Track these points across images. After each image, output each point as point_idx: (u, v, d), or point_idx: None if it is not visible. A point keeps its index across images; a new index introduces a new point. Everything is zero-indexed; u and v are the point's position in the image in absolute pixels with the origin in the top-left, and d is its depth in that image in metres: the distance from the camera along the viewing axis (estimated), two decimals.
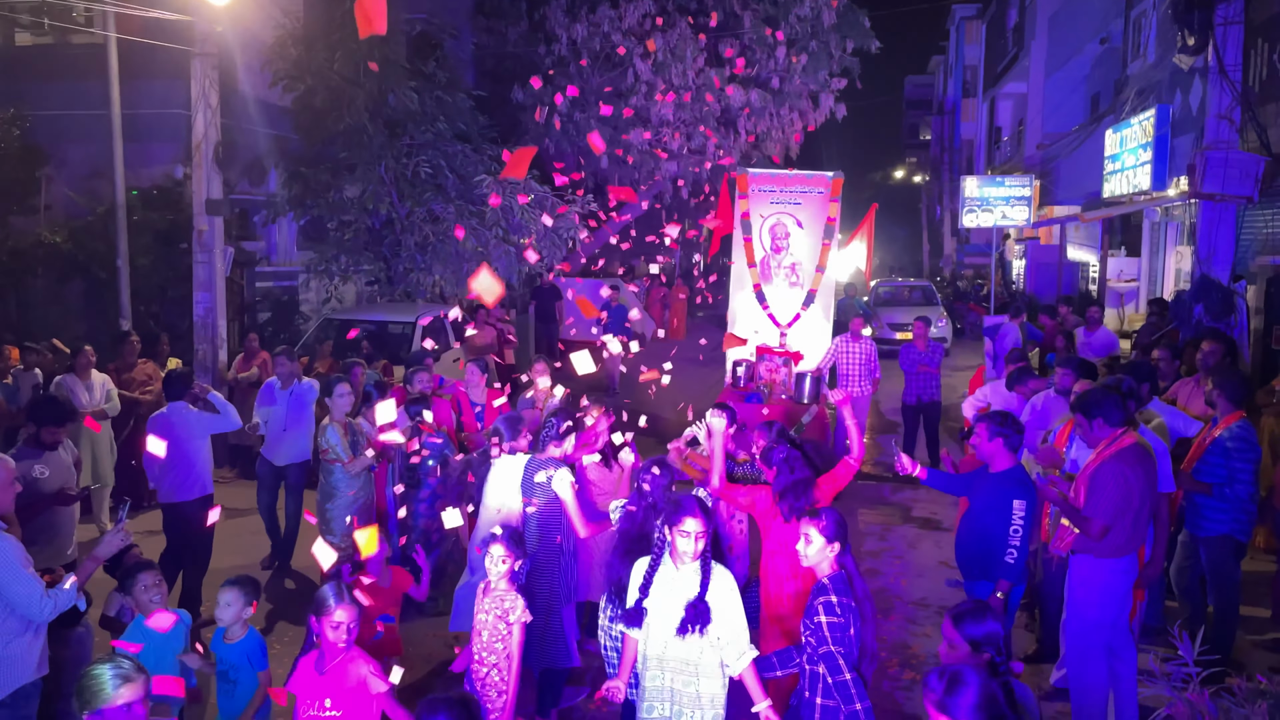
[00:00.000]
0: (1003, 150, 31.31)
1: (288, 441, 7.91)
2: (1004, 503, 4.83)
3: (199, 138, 10.95)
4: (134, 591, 4.40)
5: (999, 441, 4.96)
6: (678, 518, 3.97)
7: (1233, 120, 10.94)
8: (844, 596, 3.86)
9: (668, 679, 4.02)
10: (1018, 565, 4.82)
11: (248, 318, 13.69)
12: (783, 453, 4.99)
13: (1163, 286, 16.29)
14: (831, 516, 3.99)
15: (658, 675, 4.04)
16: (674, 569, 4.04)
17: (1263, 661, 5.93)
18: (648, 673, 4.07)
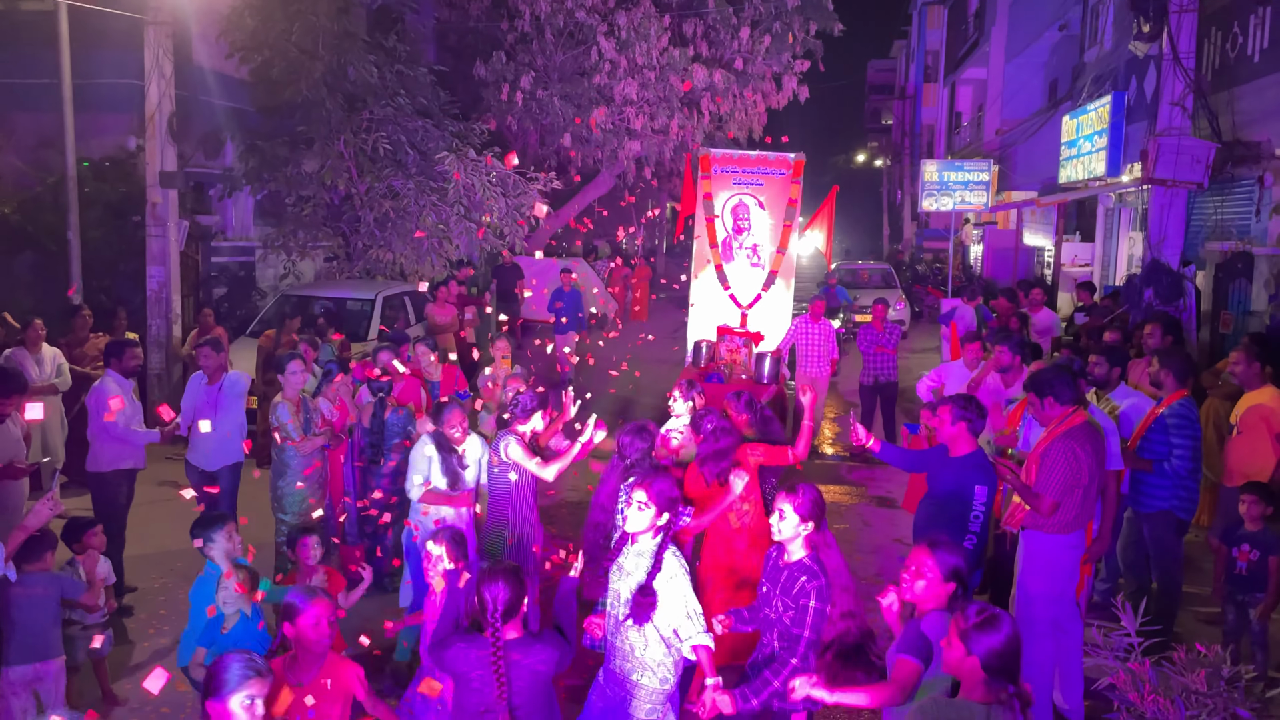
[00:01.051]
0: (963, 135, 31.60)
1: (216, 443, 6.92)
2: (965, 489, 4.83)
3: (153, 108, 10.74)
4: (217, 540, 4.64)
5: (962, 425, 4.95)
6: (631, 487, 4.06)
7: (1185, 107, 11.15)
8: (824, 581, 3.92)
9: (624, 640, 4.08)
10: (976, 551, 4.83)
11: (203, 293, 13.47)
12: (712, 422, 5.26)
13: (1116, 271, 16.58)
14: (808, 494, 3.97)
15: (615, 633, 4.11)
16: (632, 545, 4.10)
17: (1203, 634, 6.11)
18: (611, 630, 4.16)
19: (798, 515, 3.94)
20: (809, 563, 3.95)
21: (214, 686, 3.01)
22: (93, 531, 5.29)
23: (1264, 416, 6.11)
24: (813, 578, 3.89)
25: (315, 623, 3.61)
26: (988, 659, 2.99)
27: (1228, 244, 11.49)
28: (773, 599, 4.03)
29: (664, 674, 4.04)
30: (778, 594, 4.00)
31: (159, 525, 8.11)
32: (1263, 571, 5.54)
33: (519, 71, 16.29)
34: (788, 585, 3.95)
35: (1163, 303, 10.90)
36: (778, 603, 3.97)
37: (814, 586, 3.86)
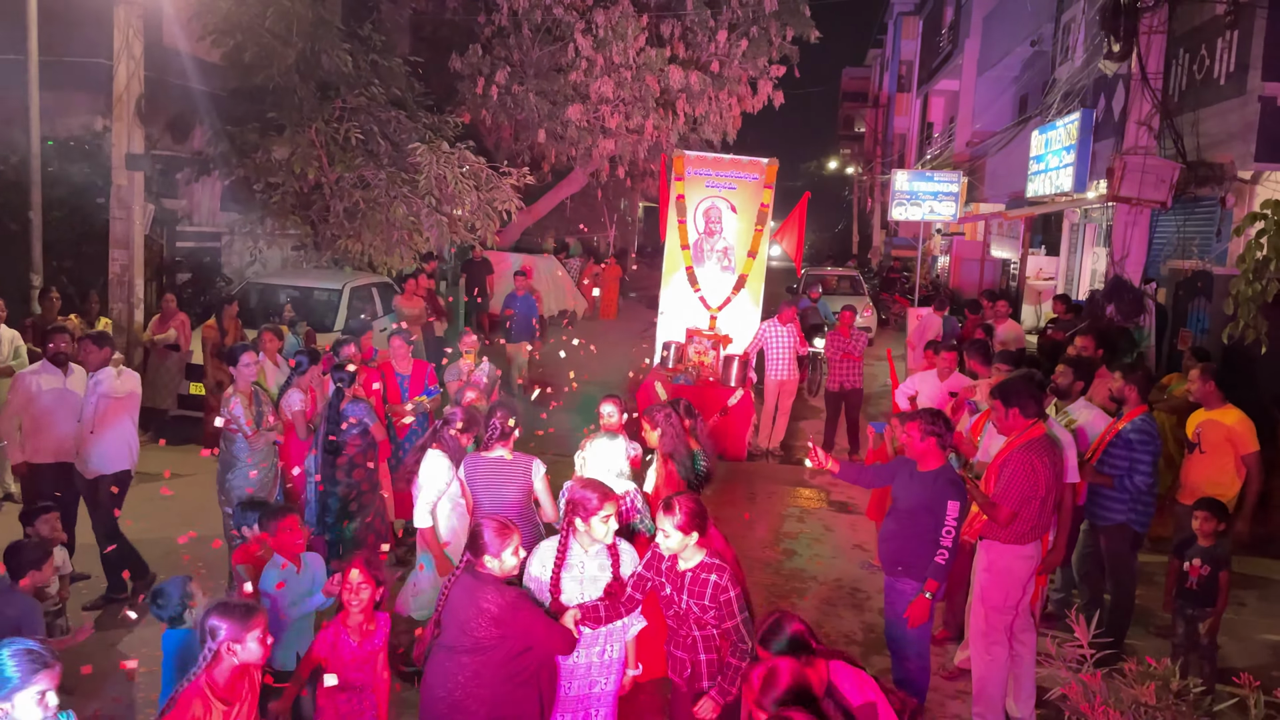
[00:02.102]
0: (934, 146, 31.90)
1: (96, 446, 6.42)
2: (937, 503, 4.84)
3: (120, 89, 10.58)
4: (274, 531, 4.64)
5: (932, 441, 4.96)
6: (594, 505, 4.10)
7: (1152, 127, 11.33)
8: (727, 567, 4.07)
9: (589, 652, 4.15)
10: (948, 566, 4.86)
11: (166, 278, 13.29)
12: (663, 410, 5.47)
13: (1079, 285, 16.82)
14: (684, 507, 3.99)
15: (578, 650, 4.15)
16: (583, 551, 4.18)
17: (1155, 646, 6.22)
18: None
19: (679, 531, 3.98)
20: (708, 559, 4.06)
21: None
22: (45, 519, 5.21)
23: (1229, 438, 6.22)
24: (719, 571, 4.01)
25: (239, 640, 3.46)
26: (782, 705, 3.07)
27: (1189, 262, 11.71)
28: (688, 612, 4.07)
29: (616, 671, 4.13)
30: (687, 598, 4.06)
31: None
32: (1213, 586, 5.65)
33: (495, 65, 16.20)
34: (696, 590, 4.03)
35: (1124, 319, 11.07)
36: (694, 605, 4.04)
37: (724, 578, 3.99)
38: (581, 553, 4.19)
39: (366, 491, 6.41)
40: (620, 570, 4.19)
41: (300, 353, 7.14)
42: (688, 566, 4.07)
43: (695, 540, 4.01)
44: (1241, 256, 6.54)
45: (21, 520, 5.28)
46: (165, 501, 8.41)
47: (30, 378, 6.44)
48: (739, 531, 8.47)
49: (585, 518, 4.11)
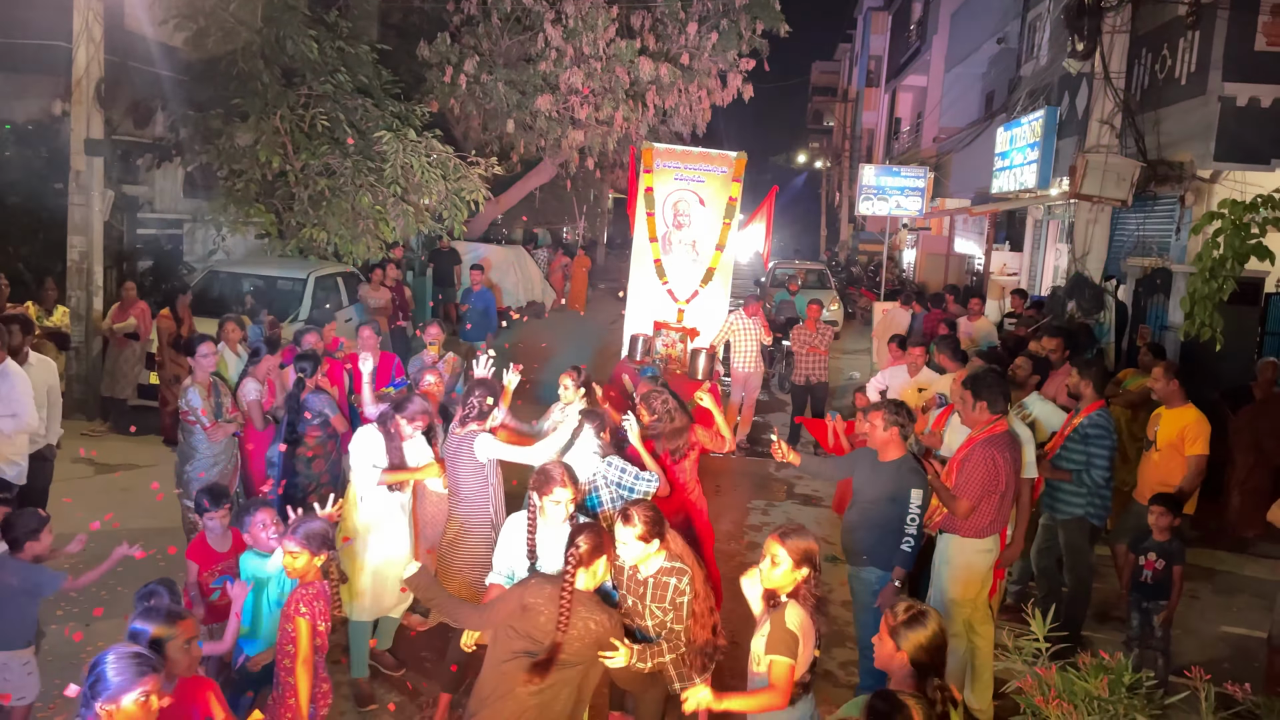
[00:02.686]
0: (902, 141, 32.12)
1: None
2: (901, 492, 4.91)
3: (80, 73, 10.38)
4: (249, 529, 4.67)
5: (894, 430, 5.03)
6: (547, 487, 4.19)
7: (1114, 126, 11.47)
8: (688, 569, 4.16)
9: None
10: (915, 552, 4.94)
11: (127, 265, 13.07)
12: (664, 401, 5.60)
13: (1042, 281, 17.02)
14: (643, 516, 3.99)
15: None
16: (546, 526, 4.28)
17: (1112, 638, 6.33)
18: None
19: (641, 541, 4.00)
20: (667, 563, 4.10)
21: (101, 688, 2.80)
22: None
23: (1183, 435, 6.32)
24: (678, 575, 4.09)
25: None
26: (915, 654, 3.13)
27: (1148, 260, 11.89)
28: (642, 609, 4.12)
29: None
30: (648, 603, 4.11)
31: (70, 506, 7.87)
32: (1167, 580, 5.76)
33: (463, 54, 16.07)
34: (658, 594, 4.09)
35: (1084, 315, 11.22)
36: (655, 610, 4.10)
37: (683, 581, 4.08)
38: (545, 527, 4.28)
39: (327, 484, 6.36)
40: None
41: (257, 342, 7.07)
42: (649, 573, 4.11)
43: (655, 548, 4.04)
44: (1198, 255, 6.66)
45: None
46: (124, 493, 8.33)
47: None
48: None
49: (541, 496, 4.22)
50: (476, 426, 5.34)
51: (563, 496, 4.21)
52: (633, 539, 3.98)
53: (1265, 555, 8.04)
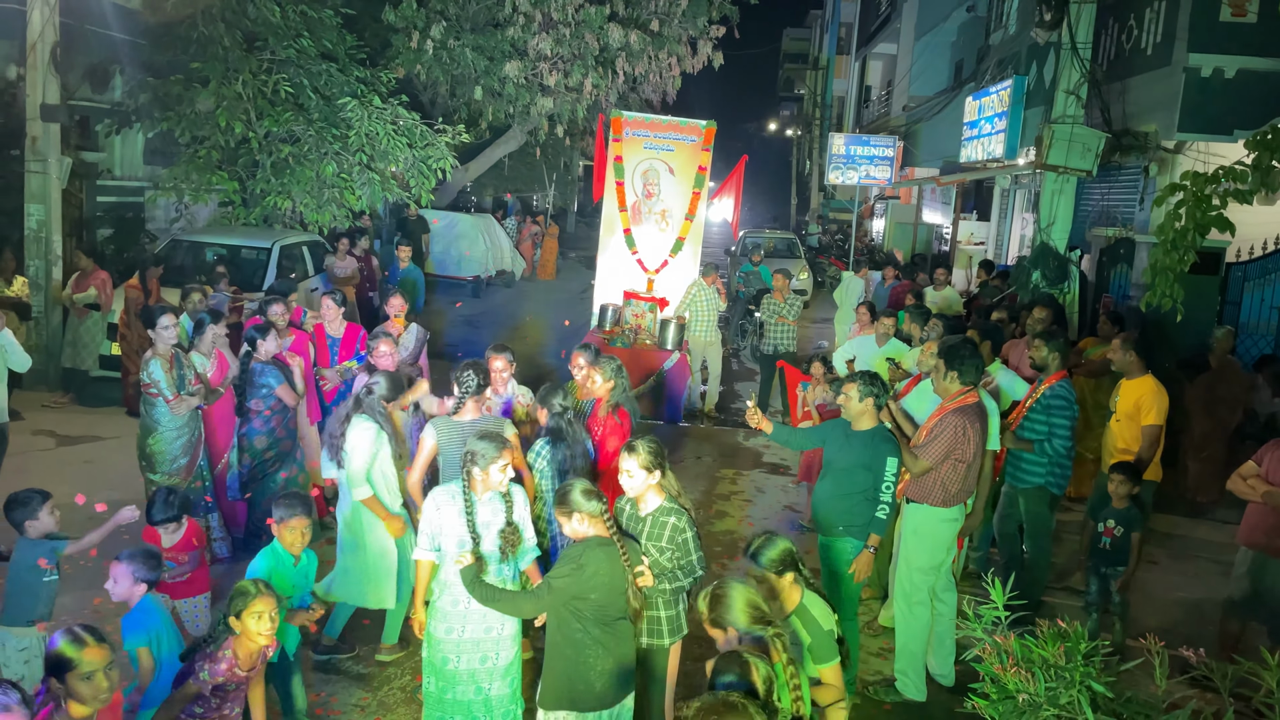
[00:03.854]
0: (872, 110, 32.09)
1: None
2: (877, 460, 4.94)
3: (35, 36, 10.12)
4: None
5: (869, 401, 5.04)
6: (491, 454, 4.20)
7: (1080, 97, 11.52)
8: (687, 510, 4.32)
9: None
10: (889, 520, 5.01)
11: (86, 234, 12.84)
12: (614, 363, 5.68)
13: (1008, 250, 17.15)
14: (647, 447, 4.21)
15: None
16: (476, 498, 4.28)
17: (1072, 604, 6.46)
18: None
19: (644, 470, 4.18)
20: (666, 502, 4.26)
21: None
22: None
23: (1140, 405, 6.42)
24: (676, 514, 4.22)
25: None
26: (739, 622, 3.36)
27: (1112, 230, 12.00)
28: (639, 548, 4.21)
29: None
30: (645, 542, 4.22)
31: (31, 479, 7.76)
32: (1125, 546, 5.88)
33: (430, 19, 15.82)
34: (655, 532, 4.22)
35: (1049, 285, 11.33)
36: (649, 548, 4.22)
37: (683, 521, 4.22)
38: (475, 499, 4.28)
39: (281, 455, 6.48)
40: (514, 514, 4.34)
41: (202, 312, 6.96)
42: (648, 511, 4.25)
43: (656, 480, 4.21)
44: (1160, 226, 6.72)
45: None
46: (87, 466, 8.24)
47: None
48: None
49: (484, 467, 4.20)
50: (474, 410, 5.23)
51: (505, 459, 4.24)
52: (636, 468, 4.16)
53: (1222, 520, 8.21)
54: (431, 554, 4.29)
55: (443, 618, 4.28)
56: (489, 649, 4.29)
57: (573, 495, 3.96)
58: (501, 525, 4.29)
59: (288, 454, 6.56)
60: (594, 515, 3.94)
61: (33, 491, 4.59)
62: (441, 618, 4.28)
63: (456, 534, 4.22)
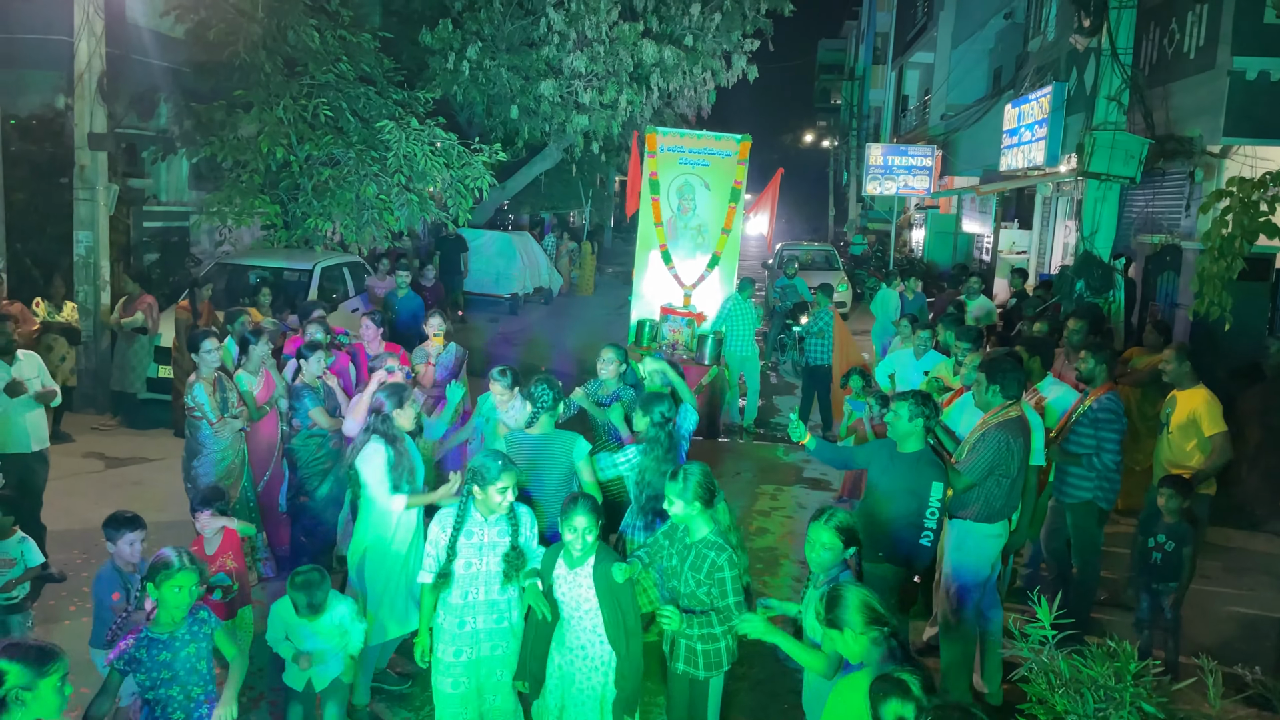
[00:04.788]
0: (909, 119, 31.89)
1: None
2: (921, 485, 4.77)
3: (82, 66, 10.37)
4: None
5: (919, 423, 4.88)
6: (493, 475, 4.16)
7: (1121, 102, 11.35)
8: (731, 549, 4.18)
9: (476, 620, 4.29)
10: (933, 548, 4.84)
11: (133, 259, 13.11)
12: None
13: (1051, 259, 16.91)
14: (690, 478, 4.13)
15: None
16: (481, 519, 4.26)
17: (1122, 619, 6.31)
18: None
19: (681, 500, 4.10)
20: (712, 537, 4.15)
21: None
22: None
23: (1196, 417, 6.26)
24: (718, 550, 4.10)
25: None
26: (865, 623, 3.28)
27: (1158, 237, 11.79)
28: (681, 573, 4.18)
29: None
30: (686, 569, 4.16)
31: (81, 500, 7.93)
32: (1177, 562, 5.73)
33: (466, 40, 16.02)
34: (697, 563, 4.12)
35: (1093, 294, 11.14)
36: (689, 577, 4.14)
37: (723, 559, 4.08)
38: (480, 520, 4.26)
39: (322, 473, 6.53)
40: (520, 538, 4.29)
41: (245, 333, 7.05)
42: (694, 540, 4.18)
43: (700, 510, 4.13)
44: (1207, 233, 6.59)
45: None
46: (135, 487, 8.38)
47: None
48: None
49: (484, 486, 4.17)
50: (545, 425, 5.24)
51: (509, 481, 4.19)
52: (675, 496, 4.10)
53: (1277, 533, 7.99)
54: (431, 575, 4.27)
55: (451, 640, 4.27)
56: (498, 665, 4.33)
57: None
58: (506, 548, 4.26)
59: (329, 472, 6.62)
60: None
61: (128, 517, 4.64)
62: (450, 640, 4.27)
63: (465, 556, 4.22)
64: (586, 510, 4.10)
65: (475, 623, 4.26)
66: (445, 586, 4.21)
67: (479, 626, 4.27)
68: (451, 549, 4.21)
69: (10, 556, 5.02)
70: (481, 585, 4.27)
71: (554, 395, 5.21)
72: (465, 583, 4.26)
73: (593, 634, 4.15)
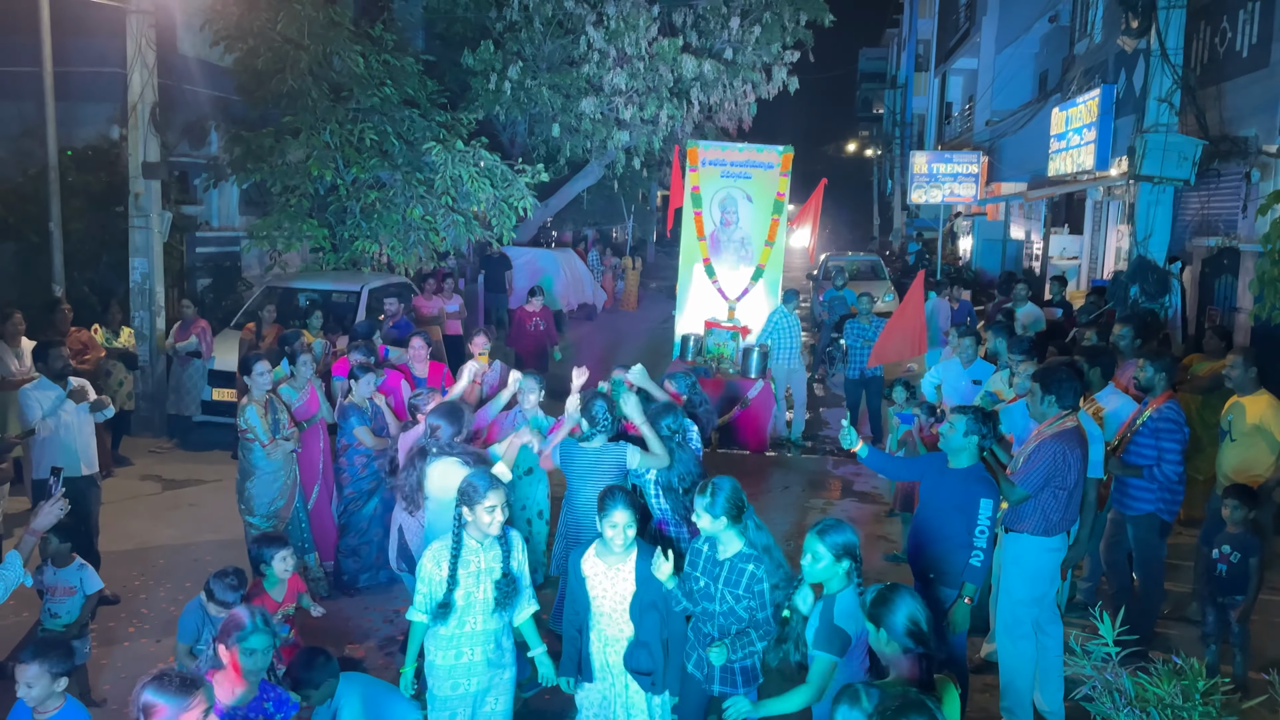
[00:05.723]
0: (953, 126, 31.56)
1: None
2: (970, 502, 4.67)
3: (135, 98, 10.63)
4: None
5: (974, 439, 4.79)
6: (479, 494, 4.08)
7: (1173, 104, 11.12)
8: (766, 559, 4.15)
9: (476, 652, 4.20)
10: (985, 568, 4.70)
11: (187, 284, 13.37)
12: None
13: (1104, 265, 16.59)
14: (718, 493, 4.06)
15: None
16: (476, 544, 4.16)
17: (1187, 634, 6.13)
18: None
19: (709, 514, 4.05)
20: (747, 550, 4.11)
21: None
22: None
23: (1261, 424, 6.07)
24: (755, 562, 4.07)
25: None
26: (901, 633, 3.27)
27: (1214, 240, 11.51)
28: (714, 592, 4.12)
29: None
30: (720, 586, 4.10)
31: (139, 522, 8.08)
32: (1243, 573, 5.56)
33: (507, 61, 16.15)
34: (732, 578, 4.07)
35: (1148, 300, 10.90)
36: (725, 594, 4.09)
37: (761, 571, 4.05)
38: (475, 546, 4.14)
39: (369, 492, 6.61)
40: (509, 563, 4.17)
41: (296, 350, 7.16)
42: (726, 555, 4.12)
43: (727, 525, 4.08)
44: (1266, 236, 6.41)
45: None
46: (191, 509, 8.52)
47: (31, 394, 6.42)
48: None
49: (472, 506, 4.07)
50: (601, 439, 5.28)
51: (497, 500, 4.08)
52: (703, 510, 4.05)
53: None
54: (424, 614, 4.13)
55: (447, 674, 4.16)
56: (493, 694, 4.26)
57: None
58: (498, 575, 4.13)
59: (374, 491, 6.70)
60: None
61: (232, 577, 4.63)
62: (446, 675, 4.16)
63: (464, 585, 4.09)
64: (626, 505, 4.12)
65: (473, 654, 4.14)
66: (444, 618, 4.07)
67: (476, 659, 4.14)
68: (453, 578, 4.06)
69: (70, 584, 5.10)
70: (480, 615, 4.13)
71: (613, 418, 5.27)
72: (463, 613, 4.11)
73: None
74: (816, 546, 3.84)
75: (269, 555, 4.90)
